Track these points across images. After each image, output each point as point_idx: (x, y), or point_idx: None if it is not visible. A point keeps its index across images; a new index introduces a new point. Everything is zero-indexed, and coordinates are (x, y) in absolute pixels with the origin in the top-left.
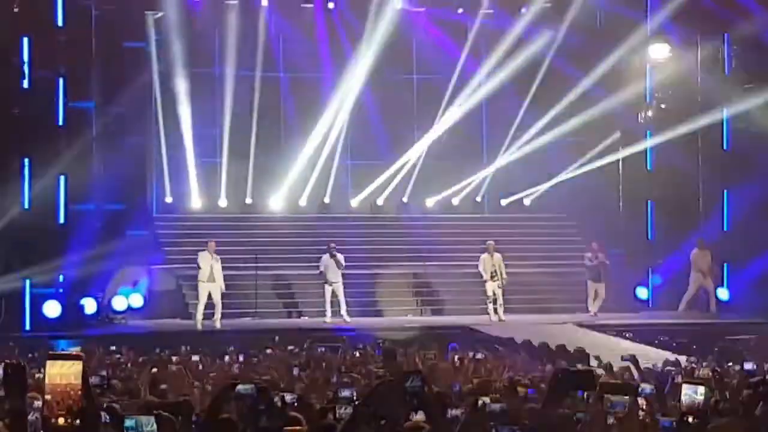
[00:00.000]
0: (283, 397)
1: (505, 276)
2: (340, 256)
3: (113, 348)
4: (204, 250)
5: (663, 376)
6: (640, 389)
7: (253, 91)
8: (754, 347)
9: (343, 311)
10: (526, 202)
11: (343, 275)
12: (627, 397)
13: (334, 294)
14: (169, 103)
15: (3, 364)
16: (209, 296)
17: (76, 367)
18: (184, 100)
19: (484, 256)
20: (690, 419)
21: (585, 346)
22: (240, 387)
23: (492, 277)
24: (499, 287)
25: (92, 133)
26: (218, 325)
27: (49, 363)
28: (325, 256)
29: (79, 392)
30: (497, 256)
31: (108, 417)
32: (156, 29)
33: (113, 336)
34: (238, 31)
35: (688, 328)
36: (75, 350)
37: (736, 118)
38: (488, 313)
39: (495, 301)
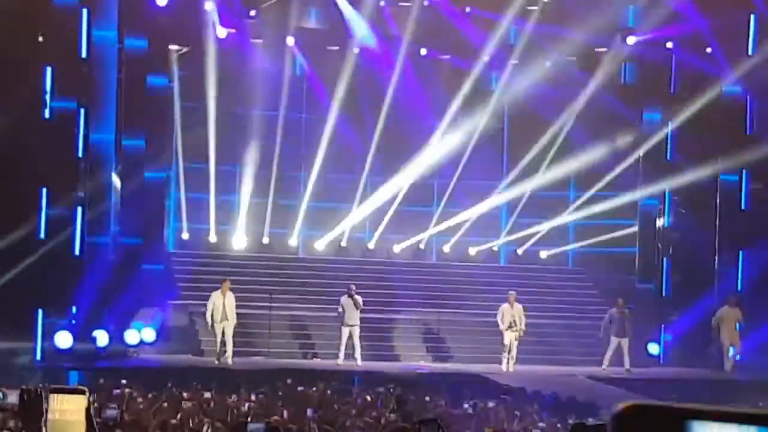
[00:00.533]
0: None
1: (523, 327)
2: (359, 298)
3: (124, 381)
4: (217, 289)
5: None
6: None
7: (275, 130)
8: None
9: (357, 354)
10: (542, 255)
11: (360, 319)
12: None
13: (350, 336)
14: (190, 139)
15: (20, 391)
16: (223, 333)
17: (80, 401)
18: (205, 136)
19: (504, 306)
20: None
21: (595, 399)
22: (251, 426)
23: (510, 327)
24: (516, 339)
25: (112, 166)
26: (230, 361)
27: (51, 397)
28: (344, 297)
29: (83, 427)
30: (518, 306)
31: None
32: (180, 65)
33: (124, 369)
34: (263, 70)
35: (697, 384)
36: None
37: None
38: (501, 362)
39: (509, 351)
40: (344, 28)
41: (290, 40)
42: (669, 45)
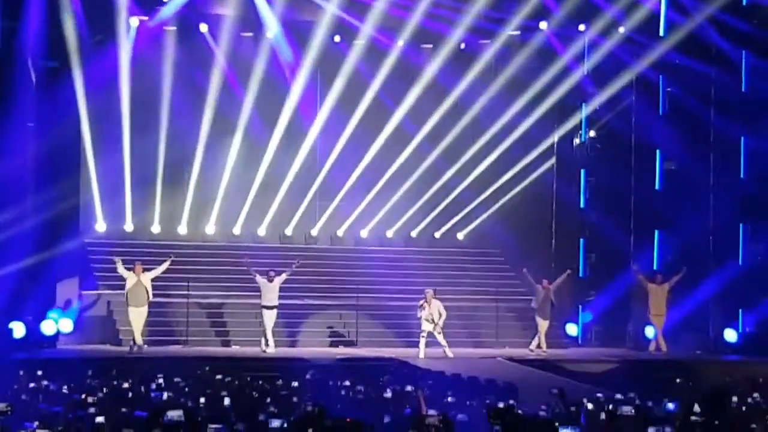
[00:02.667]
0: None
1: (441, 324)
2: (278, 278)
3: (40, 373)
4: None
5: (589, 412)
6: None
7: (194, 119)
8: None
9: (271, 341)
10: (459, 236)
11: (277, 306)
12: None
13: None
14: (107, 127)
15: None
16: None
17: None
18: (122, 125)
19: (422, 303)
20: None
21: (514, 381)
22: (170, 413)
23: (427, 321)
24: (437, 332)
25: (25, 156)
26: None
27: None
28: (262, 278)
29: None
30: (436, 303)
31: None
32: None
33: (42, 361)
34: (181, 58)
35: (616, 364)
36: None
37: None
38: (418, 346)
39: (426, 336)
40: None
41: (203, 27)
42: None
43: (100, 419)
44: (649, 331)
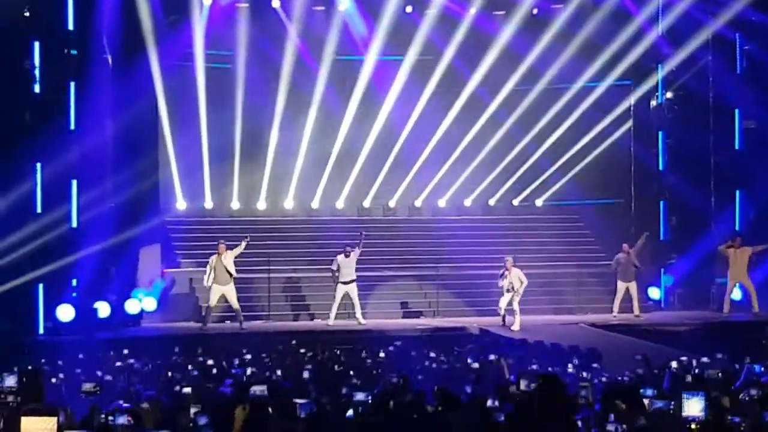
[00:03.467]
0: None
1: (521, 291)
2: (354, 253)
3: (126, 352)
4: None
5: (674, 375)
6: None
7: (268, 94)
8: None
9: (358, 314)
10: (538, 203)
11: (356, 279)
12: None
13: (347, 296)
14: (183, 105)
15: (18, 372)
16: (224, 299)
17: (51, 423)
18: (199, 103)
19: (503, 272)
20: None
21: (597, 346)
22: (255, 388)
23: (508, 291)
24: (515, 301)
25: (104, 137)
26: (243, 325)
27: (23, 420)
28: (340, 256)
29: None
30: (515, 270)
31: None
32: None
33: (127, 339)
34: (254, 35)
35: (700, 326)
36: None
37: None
38: (499, 315)
39: (511, 307)
40: None
41: (275, 2)
42: None
43: (186, 390)
44: (737, 294)
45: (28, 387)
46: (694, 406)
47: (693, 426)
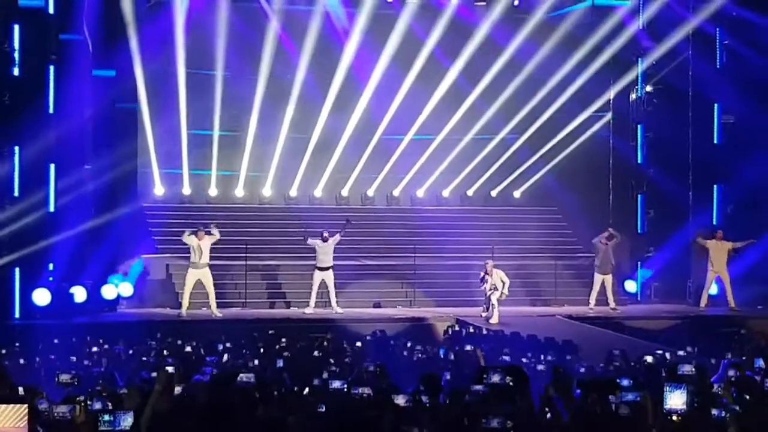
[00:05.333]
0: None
1: (506, 292)
2: (332, 239)
3: (101, 341)
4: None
5: (650, 370)
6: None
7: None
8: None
9: (334, 302)
10: (516, 194)
11: (333, 266)
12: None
13: (323, 284)
14: (163, 91)
15: None
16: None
17: (21, 411)
18: (178, 88)
19: (483, 275)
20: (674, 417)
21: (573, 338)
22: (242, 376)
23: (492, 290)
24: (498, 299)
25: (83, 121)
26: (217, 313)
27: None
28: (317, 240)
29: None
30: (496, 273)
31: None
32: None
33: (103, 324)
34: (235, 21)
35: (675, 321)
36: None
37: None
38: (482, 307)
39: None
40: None
41: None
42: None
43: (170, 369)
44: (713, 288)
45: None
46: (676, 399)
47: (674, 418)
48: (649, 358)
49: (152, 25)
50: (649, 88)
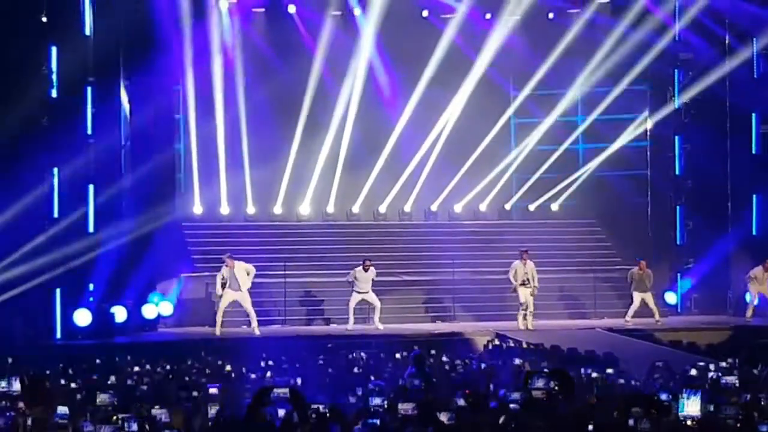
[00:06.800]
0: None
1: (536, 284)
2: (373, 270)
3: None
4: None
5: (692, 380)
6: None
7: (280, 99)
8: None
9: (377, 318)
10: (554, 207)
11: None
12: None
13: (364, 302)
14: (198, 112)
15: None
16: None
17: None
18: (212, 109)
19: (517, 263)
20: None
21: (614, 351)
22: (277, 391)
23: (524, 284)
24: (531, 294)
25: (121, 142)
26: (257, 332)
27: None
28: (358, 269)
29: None
30: (530, 263)
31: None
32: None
33: (143, 344)
34: (264, 38)
35: (716, 332)
36: None
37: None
38: (517, 320)
39: (526, 308)
40: None
41: (291, 8)
42: None
43: (213, 390)
44: (748, 296)
45: (31, 392)
46: (692, 406)
47: (689, 423)
48: (693, 371)
49: (192, 43)
50: (686, 100)
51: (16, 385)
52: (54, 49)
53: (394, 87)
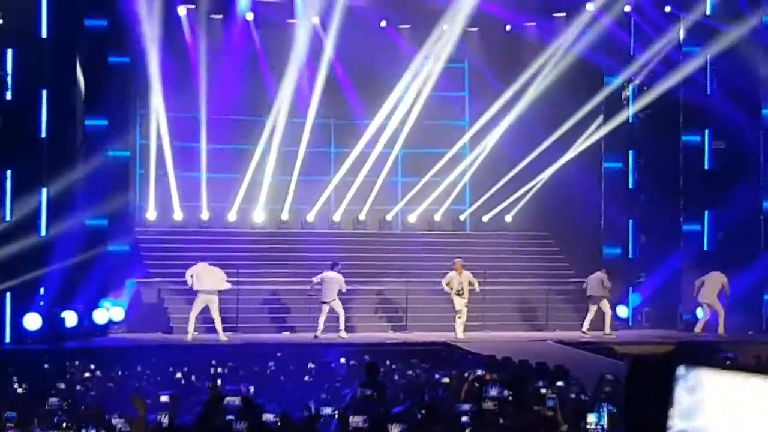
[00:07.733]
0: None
1: (477, 288)
2: (341, 278)
3: (92, 367)
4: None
5: None
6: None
7: (236, 103)
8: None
9: (342, 327)
10: (507, 219)
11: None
12: None
13: (332, 310)
14: (150, 116)
15: None
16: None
17: None
18: (165, 113)
19: (452, 273)
20: None
21: (565, 364)
22: (228, 399)
23: (459, 294)
24: (465, 305)
25: (74, 146)
26: (223, 337)
27: None
28: (330, 272)
29: None
30: (465, 273)
31: None
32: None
33: (93, 349)
34: (221, 44)
35: (667, 345)
36: None
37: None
38: (455, 329)
39: (461, 318)
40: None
41: (249, 16)
42: (627, 9)
43: (164, 398)
44: (699, 312)
45: None
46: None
47: None
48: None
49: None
50: (640, 114)
51: None
52: (9, 52)
53: (351, 95)
